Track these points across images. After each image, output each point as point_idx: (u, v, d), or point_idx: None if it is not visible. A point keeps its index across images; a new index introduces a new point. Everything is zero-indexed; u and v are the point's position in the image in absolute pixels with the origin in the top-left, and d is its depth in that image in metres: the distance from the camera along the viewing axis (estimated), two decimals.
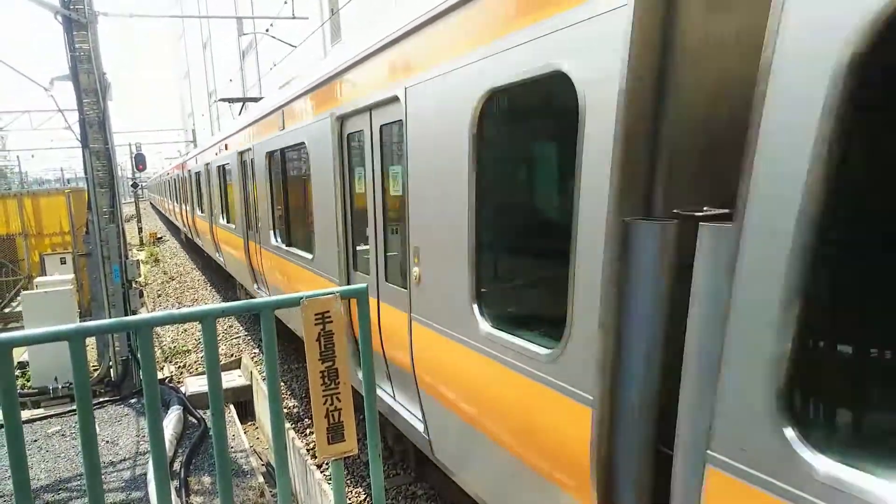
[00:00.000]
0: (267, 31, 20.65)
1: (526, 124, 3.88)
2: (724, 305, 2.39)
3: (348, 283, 6.62)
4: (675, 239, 2.74)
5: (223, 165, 14.61)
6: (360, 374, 3.97)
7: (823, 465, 2.09)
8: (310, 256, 7.81)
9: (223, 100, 17.71)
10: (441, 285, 4.58)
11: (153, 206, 74.83)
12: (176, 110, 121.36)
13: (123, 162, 48.03)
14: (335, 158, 6.56)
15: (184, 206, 26.44)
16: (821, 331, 2.24)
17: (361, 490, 7.27)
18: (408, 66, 4.77)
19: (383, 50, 5.17)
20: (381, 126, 5.49)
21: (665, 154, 2.86)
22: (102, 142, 9.33)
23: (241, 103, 16.81)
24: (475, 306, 4.17)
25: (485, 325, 4.07)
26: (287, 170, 8.97)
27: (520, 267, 4.15)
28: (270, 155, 9.57)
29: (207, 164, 17.34)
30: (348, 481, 7.47)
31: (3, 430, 2.61)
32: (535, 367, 3.56)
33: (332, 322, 3.45)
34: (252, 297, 10.72)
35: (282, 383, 11.20)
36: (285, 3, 19.40)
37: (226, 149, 13.93)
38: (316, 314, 3.42)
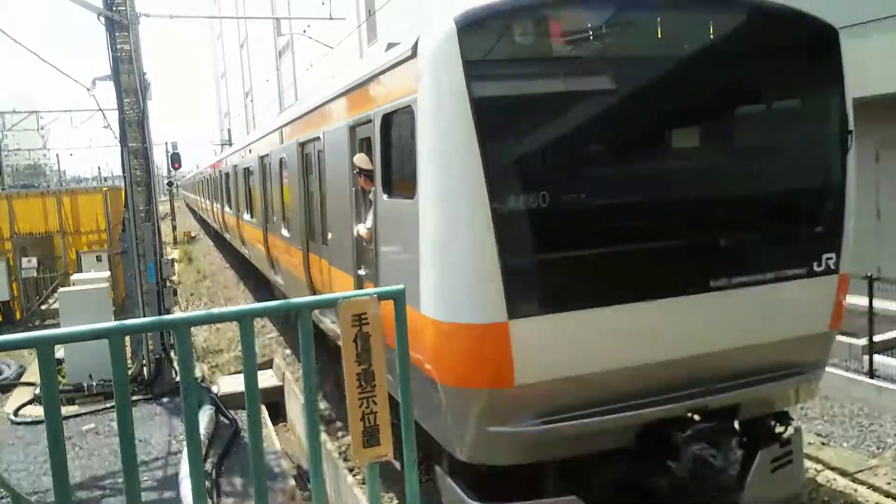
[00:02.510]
0: (304, 31, 20.77)
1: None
2: None
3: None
4: None
5: (236, 170, 21.08)
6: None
7: None
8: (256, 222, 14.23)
9: (216, 144, 27.39)
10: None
11: (187, 205, 75.90)
12: (211, 110, 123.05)
13: (159, 161, 48.85)
14: (256, 174, 13.11)
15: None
16: None
17: (394, 495, 7.20)
18: (273, 144, 11.03)
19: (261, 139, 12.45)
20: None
21: None
22: (140, 141, 9.41)
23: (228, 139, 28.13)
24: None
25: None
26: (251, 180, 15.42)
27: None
28: (248, 169, 15.87)
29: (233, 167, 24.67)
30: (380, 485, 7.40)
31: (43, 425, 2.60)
32: None
33: (368, 324, 3.39)
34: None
35: None
36: (322, 3, 19.52)
37: (225, 163, 21.78)
38: (353, 315, 3.36)
